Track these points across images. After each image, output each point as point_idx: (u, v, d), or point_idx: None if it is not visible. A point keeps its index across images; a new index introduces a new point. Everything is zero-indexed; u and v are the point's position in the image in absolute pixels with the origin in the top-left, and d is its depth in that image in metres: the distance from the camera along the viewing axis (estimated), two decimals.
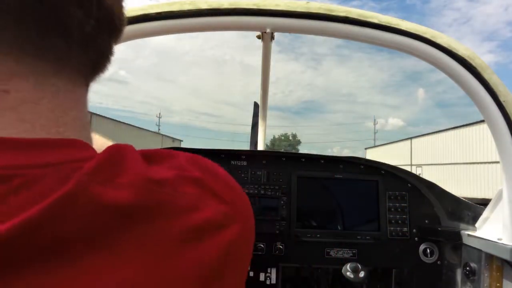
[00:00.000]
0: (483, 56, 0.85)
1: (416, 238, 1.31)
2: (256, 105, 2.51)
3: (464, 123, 17.82)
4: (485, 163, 15.43)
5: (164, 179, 0.28)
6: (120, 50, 0.38)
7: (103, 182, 0.25)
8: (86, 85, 0.34)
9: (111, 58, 0.35)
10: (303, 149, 63.77)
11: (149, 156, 0.31)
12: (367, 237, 1.30)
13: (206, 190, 0.30)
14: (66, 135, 0.29)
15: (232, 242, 0.29)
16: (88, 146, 0.29)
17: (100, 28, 0.30)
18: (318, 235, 1.30)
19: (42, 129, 0.27)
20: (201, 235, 0.27)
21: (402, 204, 1.34)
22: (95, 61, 0.33)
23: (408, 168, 3.51)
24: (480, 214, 1.04)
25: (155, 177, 0.28)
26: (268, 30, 0.88)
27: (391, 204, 1.34)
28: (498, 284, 0.94)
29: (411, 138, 24.48)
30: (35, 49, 0.28)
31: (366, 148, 37.35)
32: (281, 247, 1.28)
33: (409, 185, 1.36)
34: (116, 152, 0.28)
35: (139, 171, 0.28)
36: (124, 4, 0.34)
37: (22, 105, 0.27)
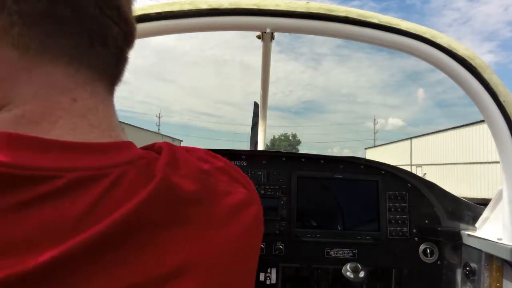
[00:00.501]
0: (483, 56, 0.85)
1: (416, 238, 1.31)
2: (256, 105, 2.51)
3: (464, 123, 17.82)
4: (485, 163, 15.43)
5: (206, 170, 0.36)
6: None
7: (173, 173, 0.31)
8: (114, 92, 0.37)
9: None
10: (303, 149, 63.84)
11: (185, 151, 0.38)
12: (367, 237, 1.30)
13: (231, 177, 0.39)
14: (119, 138, 0.33)
15: (255, 215, 0.38)
16: (135, 145, 0.33)
17: (125, 41, 0.34)
18: (318, 235, 1.30)
19: (104, 134, 0.31)
20: (238, 211, 0.36)
21: (402, 204, 1.34)
22: (121, 70, 0.36)
23: (408, 168, 3.52)
24: (480, 214, 1.04)
25: (203, 168, 0.36)
26: (268, 30, 0.88)
27: (391, 204, 1.34)
28: (498, 284, 0.94)
29: (411, 138, 24.47)
30: (87, 59, 0.31)
31: (366, 148, 37.36)
32: (281, 247, 1.28)
33: (409, 185, 1.36)
34: (171, 148, 0.35)
35: (191, 164, 0.35)
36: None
37: (89, 112, 0.30)
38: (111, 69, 0.34)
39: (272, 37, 0.98)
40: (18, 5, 0.26)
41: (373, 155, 30.05)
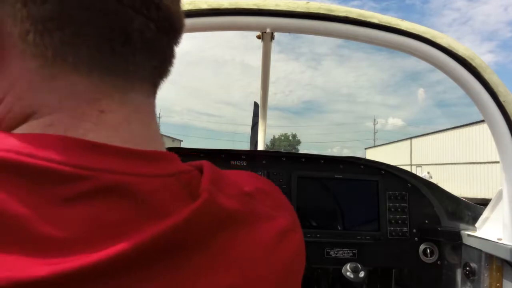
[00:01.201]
0: (482, 56, 0.85)
1: (416, 238, 1.31)
2: (256, 105, 2.51)
3: (464, 123, 17.83)
4: (485, 163, 15.43)
5: (250, 192, 0.33)
6: None
7: (218, 192, 0.28)
8: (155, 93, 0.33)
9: (173, 62, 0.34)
10: (303, 149, 63.86)
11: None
12: (367, 237, 1.30)
13: (275, 201, 0.35)
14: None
15: (299, 244, 0.34)
16: (176, 158, 0.30)
17: (160, 32, 0.29)
18: (318, 235, 1.30)
19: (138, 148, 0.28)
20: (283, 238, 0.32)
21: (402, 204, 1.34)
22: (159, 67, 0.32)
23: (408, 168, 3.52)
24: (480, 214, 1.04)
25: (245, 190, 0.32)
26: (268, 30, 0.88)
27: (391, 204, 1.34)
28: (498, 284, 0.94)
29: (411, 138, 24.48)
30: (109, 64, 0.28)
31: (366, 148, 37.37)
32: None
33: (409, 185, 1.36)
34: (213, 167, 0.31)
35: (234, 184, 0.32)
36: (181, 4, 0.33)
37: (119, 126, 0.28)
38: (143, 68, 0.30)
39: (272, 37, 0.98)
40: (28, 10, 0.25)
41: (373, 155, 30.06)
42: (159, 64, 0.31)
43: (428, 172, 17.12)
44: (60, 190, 0.22)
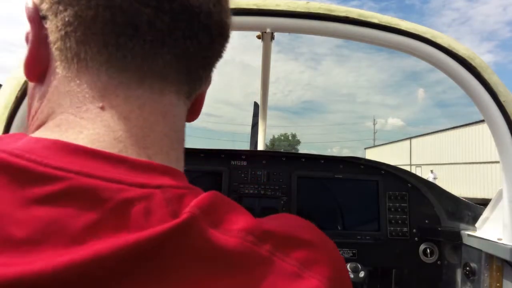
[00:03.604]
0: (482, 56, 0.85)
1: (416, 238, 1.31)
2: (256, 105, 2.51)
3: (464, 123, 17.84)
4: (485, 163, 15.44)
5: (268, 234, 0.25)
6: None
7: (210, 222, 0.23)
8: (178, 93, 0.30)
9: (211, 60, 0.32)
10: (302, 149, 63.81)
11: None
12: (367, 237, 1.30)
13: (316, 257, 0.26)
14: (153, 158, 0.27)
15: None
16: (175, 171, 0.27)
17: (176, 23, 0.27)
18: None
19: (132, 151, 0.26)
20: None
21: (402, 204, 1.34)
22: (176, 61, 0.29)
23: (407, 168, 3.52)
24: (480, 214, 1.04)
25: (259, 230, 0.25)
26: (268, 30, 0.88)
27: (391, 204, 1.34)
28: (498, 284, 0.94)
29: (410, 138, 24.50)
30: (117, 59, 0.27)
31: (365, 148, 37.38)
32: None
33: (409, 185, 1.36)
34: (220, 198, 0.26)
35: (245, 222, 0.25)
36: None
37: (116, 122, 0.26)
38: (154, 63, 0.28)
39: (272, 37, 0.98)
40: (57, 19, 0.27)
41: (372, 155, 30.06)
42: (176, 58, 0.28)
43: (432, 171, 17.10)
44: (33, 190, 0.22)
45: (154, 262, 0.21)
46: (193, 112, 0.36)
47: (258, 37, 1.00)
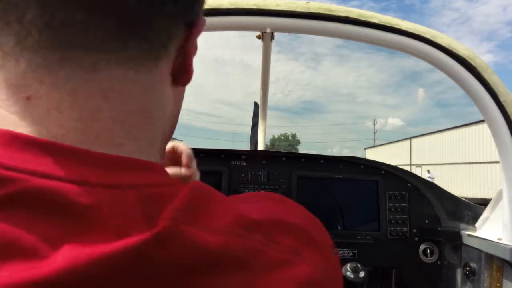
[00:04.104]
0: (482, 56, 0.85)
1: (416, 238, 1.31)
2: (256, 105, 2.51)
3: (464, 123, 17.84)
4: (485, 163, 15.44)
5: (256, 223, 0.23)
6: None
7: (194, 223, 0.21)
8: (127, 61, 0.24)
9: (191, 43, 0.27)
10: (302, 149, 63.82)
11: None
12: (367, 237, 1.30)
13: (304, 239, 0.25)
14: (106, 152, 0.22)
15: None
16: (154, 168, 0.23)
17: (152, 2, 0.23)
18: None
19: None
20: None
21: (402, 204, 1.34)
22: (114, 26, 0.23)
23: (407, 168, 3.52)
24: (480, 214, 1.04)
25: (246, 220, 0.23)
26: (268, 30, 0.88)
27: (391, 204, 1.34)
28: (498, 284, 0.94)
29: (410, 138, 24.51)
30: (38, 38, 0.21)
31: (365, 148, 37.39)
32: None
33: (409, 185, 1.36)
34: (202, 189, 0.24)
35: (234, 213, 0.23)
36: None
37: (46, 114, 0.21)
38: (84, 32, 0.22)
39: (272, 37, 0.98)
40: None
41: (372, 155, 30.07)
42: (107, 16, 0.22)
43: (428, 171, 17.10)
44: None
45: (128, 280, 0.18)
46: (181, 73, 0.28)
47: (258, 37, 1.00)
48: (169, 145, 0.61)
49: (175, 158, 0.60)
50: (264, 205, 0.27)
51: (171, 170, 0.59)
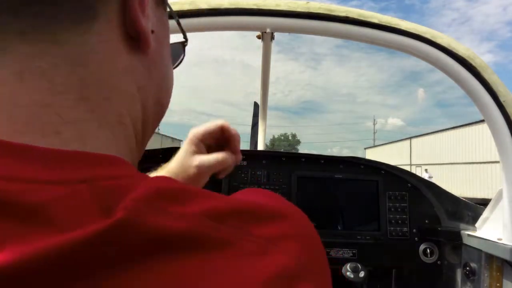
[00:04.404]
0: (482, 56, 0.85)
1: (416, 238, 1.31)
2: (256, 105, 2.51)
3: (464, 123, 17.85)
4: (485, 163, 15.44)
5: (228, 214, 0.22)
6: None
7: (160, 212, 0.19)
8: (46, 31, 0.20)
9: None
10: (302, 149, 63.84)
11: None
12: (367, 237, 1.30)
13: (286, 229, 0.23)
14: (38, 143, 0.19)
15: None
16: (107, 160, 0.21)
17: None
18: None
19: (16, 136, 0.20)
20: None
21: (402, 204, 1.34)
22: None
23: (408, 168, 3.52)
24: (480, 214, 1.04)
25: (216, 211, 0.21)
26: (268, 30, 0.88)
27: (391, 204, 1.34)
28: (498, 284, 0.94)
29: (410, 138, 24.52)
30: None
31: (365, 148, 37.39)
32: None
33: (409, 185, 1.36)
34: (169, 181, 0.22)
35: (198, 205, 0.21)
36: None
37: None
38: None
39: (272, 37, 0.98)
40: None
41: (372, 155, 30.07)
42: None
43: (426, 170, 17.09)
44: None
45: (78, 269, 0.17)
46: (134, 34, 0.24)
47: (258, 37, 1.00)
48: (217, 123, 0.54)
49: (222, 139, 0.53)
50: (244, 196, 0.26)
51: (218, 156, 0.51)
